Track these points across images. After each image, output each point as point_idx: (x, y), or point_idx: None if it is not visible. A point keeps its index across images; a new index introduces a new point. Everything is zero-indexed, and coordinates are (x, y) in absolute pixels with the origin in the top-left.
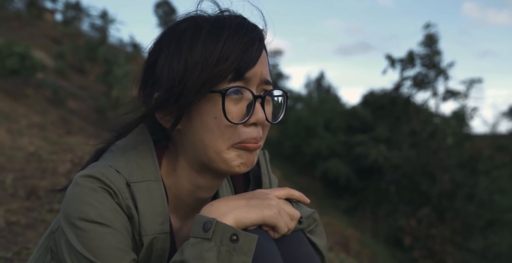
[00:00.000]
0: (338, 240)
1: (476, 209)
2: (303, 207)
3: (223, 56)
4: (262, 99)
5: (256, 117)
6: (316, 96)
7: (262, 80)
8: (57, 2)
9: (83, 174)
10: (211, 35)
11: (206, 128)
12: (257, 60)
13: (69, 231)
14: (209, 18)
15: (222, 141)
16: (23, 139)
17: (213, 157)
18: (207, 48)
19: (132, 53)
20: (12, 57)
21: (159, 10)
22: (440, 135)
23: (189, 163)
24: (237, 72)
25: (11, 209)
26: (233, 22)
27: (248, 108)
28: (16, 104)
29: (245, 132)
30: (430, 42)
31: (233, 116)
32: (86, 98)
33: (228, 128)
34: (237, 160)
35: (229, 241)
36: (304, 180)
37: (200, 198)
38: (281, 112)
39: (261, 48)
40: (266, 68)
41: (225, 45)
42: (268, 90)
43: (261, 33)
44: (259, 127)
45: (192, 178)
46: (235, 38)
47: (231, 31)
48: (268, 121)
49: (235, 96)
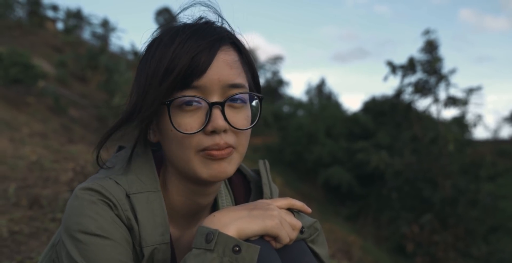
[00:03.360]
0: (340, 247)
1: (479, 215)
2: (304, 216)
3: (170, 67)
4: (222, 106)
5: (213, 125)
6: (317, 103)
7: (224, 85)
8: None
9: (83, 186)
10: (165, 46)
11: (169, 140)
12: (206, 67)
13: (70, 243)
14: (172, 28)
15: (185, 150)
16: (25, 148)
17: (183, 166)
18: (159, 60)
19: (133, 61)
20: (15, 66)
21: (160, 17)
22: (441, 141)
23: (173, 174)
24: (184, 82)
25: (14, 218)
26: (188, 30)
27: (207, 117)
28: (18, 113)
29: (206, 139)
30: (430, 48)
31: (187, 127)
32: (87, 106)
33: (186, 138)
34: (203, 169)
35: (232, 252)
36: (306, 187)
37: (196, 207)
38: (257, 117)
39: (213, 53)
40: (230, 72)
41: (173, 55)
42: (235, 93)
43: (220, 36)
44: (223, 134)
45: (180, 189)
46: (184, 46)
47: (181, 40)
48: (234, 127)
49: (188, 108)
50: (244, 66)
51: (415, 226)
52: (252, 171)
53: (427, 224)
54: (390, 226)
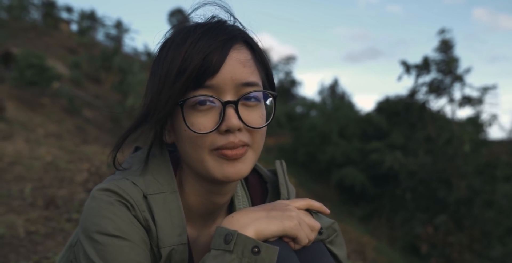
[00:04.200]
0: (355, 248)
1: (494, 216)
2: (322, 217)
3: (182, 67)
4: (235, 104)
5: (227, 124)
6: (330, 103)
7: (238, 84)
8: (73, 12)
9: (100, 187)
10: (177, 46)
11: (183, 140)
12: (219, 66)
13: (87, 244)
14: (184, 28)
15: (199, 150)
16: (41, 148)
17: (197, 166)
18: (171, 60)
19: (146, 62)
20: (31, 68)
21: (173, 18)
22: (456, 141)
23: (189, 174)
24: (197, 81)
25: (31, 219)
26: (200, 29)
27: (221, 116)
28: (33, 114)
29: (220, 138)
30: (445, 47)
31: (200, 127)
32: (101, 107)
33: (199, 138)
34: (217, 169)
35: (251, 253)
36: (319, 187)
37: (212, 207)
38: (271, 116)
39: (225, 52)
40: (243, 70)
41: (185, 55)
42: (248, 92)
43: (232, 35)
44: (237, 133)
45: (196, 189)
46: (196, 46)
47: (193, 40)
48: (248, 126)
49: (202, 107)
50: (257, 65)
51: (430, 227)
52: (269, 171)
53: (441, 225)
54: (404, 227)
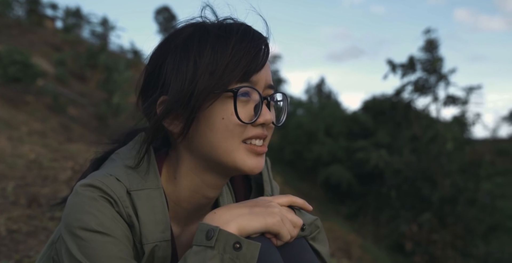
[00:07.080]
0: (340, 246)
1: (477, 214)
2: (305, 214)
3: (233, 59)
4: (268, 102)
5: (264, 118)
6: (317, 102)
7: (266, 85)
8: (58, 9)
9: (83, 183)
10: (220, 38)
11: (214, 129)
12: (263, 65)
13: (70, 240)
14: (215, 24)
15: (232, 140)
16: (24, 146)
17: (223, 157)
18: (216, 50)
19: (132, 59)
20: (14, 65)
21: (159, 16)
22: (440, 140)
23: (191, 169)
24: (244, 75)
25: (12, 217)
26: (240, 28)
27: (256, 110)
28: (17, 112)
29: (251, 129)
30: (430, 47)
31: (241, 117)
32: (86, 105)
33: (237, 127)
34: (247, 160)
35: (232, 249)
36: (306, 186)
37: (202, 201)
38: (283, 116)
39: (267, 54)
40: (269, 73)
41: (234, 48)
42: (271, 94)
43: (265, 40)
44: (265, 128)
45: (193, 184)
46: (243, 43)
47: (239, 36)
48: (273, 123)
49: (243, 98)
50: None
51: (414, 225)
52: None
53: (426, 222)
54: (389, 225)
